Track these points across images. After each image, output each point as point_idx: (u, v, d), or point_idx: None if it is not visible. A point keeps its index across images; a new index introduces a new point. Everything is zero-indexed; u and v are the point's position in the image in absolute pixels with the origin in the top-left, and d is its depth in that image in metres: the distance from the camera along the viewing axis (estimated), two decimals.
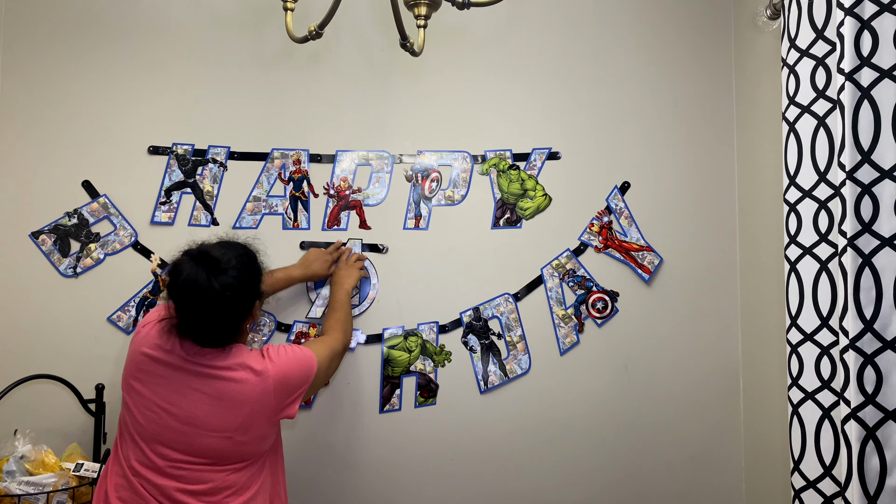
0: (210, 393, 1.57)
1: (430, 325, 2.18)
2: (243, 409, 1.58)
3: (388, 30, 2.10)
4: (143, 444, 1.58)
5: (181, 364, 1.58)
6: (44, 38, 2.11)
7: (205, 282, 1.52)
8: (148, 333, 1.63)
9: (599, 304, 2.21)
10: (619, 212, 2.22)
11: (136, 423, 1.58)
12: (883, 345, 1.39)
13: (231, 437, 1.57)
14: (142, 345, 1.61)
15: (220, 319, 1.57)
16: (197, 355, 1.58)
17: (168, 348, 1.59)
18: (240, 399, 1.57)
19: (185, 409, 1.56)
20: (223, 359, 1.59)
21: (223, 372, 1.58)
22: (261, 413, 1.59)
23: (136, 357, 1.61)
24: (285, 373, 1.62)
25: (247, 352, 1.62)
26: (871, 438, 1.39)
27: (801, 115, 1.63)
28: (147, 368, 1.59)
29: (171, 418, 1.56)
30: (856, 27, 1.40)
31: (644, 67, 2.24)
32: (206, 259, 1.56)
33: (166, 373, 1.58)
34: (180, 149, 2.14)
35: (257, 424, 1.60)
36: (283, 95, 2.18)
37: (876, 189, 1.39)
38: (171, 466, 1.56)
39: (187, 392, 1.57)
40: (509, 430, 2.18)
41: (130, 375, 1.61)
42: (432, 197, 2.21)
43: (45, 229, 2.09)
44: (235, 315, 1.59)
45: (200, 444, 1.57)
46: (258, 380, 1.58)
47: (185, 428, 1.56)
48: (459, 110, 2.21)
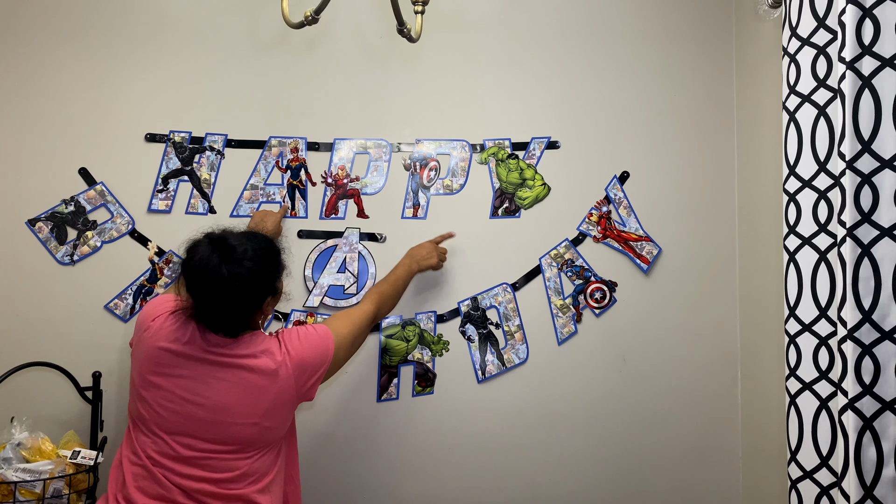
0: (235, 381, 1.57)
1: (428, 315, 2.18)
2: (267, 395, 1.59)
3: (386, 15, 2.09)
4: (166, 436, 1.57)
5: (202, 355, 1.58)
6: (39, 25, 2.10)
7: (215, 267, 1.52)
8: (161, 327, 1.62)
9: (598, 294, 2.20)
10: (618, 202, 2.22)
11: (157, 416, 1.58)
12: (881, 335, 1.38)
13: (258, 423, 1.58)
14: (157, 340, 1.60)
15: (227, 307, 1.56)
16: (217, 345, 1.58)
17: (186, 340, 1.58)
18: (263, 386, 1.58)
19: (212, 398, 1.56)
20: (244, 347, 1.59)
21: (246, 360, 1.58)
22: (283, 398, 1.61)
23: (151, 353, 1.60)
24: (302, 357, 1.62)
25: (265, 337, 1.63)
26: (869, 429, 1.38)
27: (801, 105, 1.62)
28: (166, 362, 1.58)
29: (198, 409, 1.56)
30: (857, 15, 1.39)
31: (644, 56, 2.23)
32: (222, 245, 1.55)
33: (188, 365, 1.57)
34: (177, 136, 2.13)
35: (281, 409, 1.62)
36: (281, 83, 2.16)
37: (876, 179, 1.38)
38: (199, 456, 1.57)
39: (212, 382, 1.57)
40: (506, 419, 2.18)
41: (148, 371, 1.59)
42: (431, 186, 2.20)
43: (42, 217, 2.08)
44: (243, 306, 1.58)
45: (229, 433, 1.57)
46: (278, 367, 1.59)
47: (214, 417, 1.56)
48: (458, 98, 2.20)
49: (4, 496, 1.67)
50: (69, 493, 1.74)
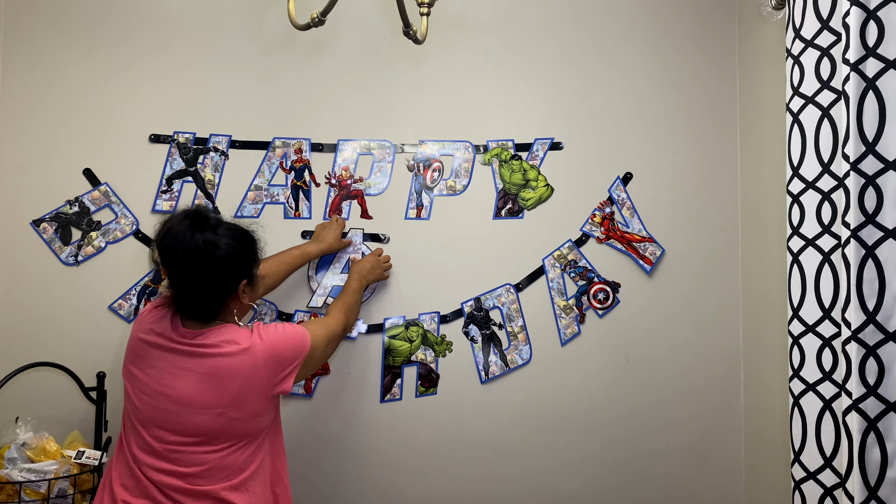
0: (200, 371, 1.56)
1: (431, 315, 2.18)
2: (234, 383, 1.56)
3: (391, 17, 2.09)
4: (142, 429, 1.58)
5: (172, 345, 1.58)
6: (44, 26, 2.10)
7: (188, 235, 1.52)
8: (143, 319, 1.65)
9: (601, 294, 2.21)
10: (621, 203, 2.22)
11: (135, 408, 1.59)
12: (885, 336, 1.38)
13: (223, 413, 1.56)
14: (138, 331, 1.64)
15: (199, 280, 1.55)
16: (187, 336, 1.59)
17: (160, 331, 1.60)
18: (229, 374, 1.56)
19: (177, 388, 1.56)
20: (210, 337, 1.58)
21: (212, 349, 1.57)
22: (253, 387, 1.58)
23: (132, 343, 1.64)
24: (274, 346, 1.60)
25: (236, 329, 1.61)
26: (873, 430, 1.39)
27: (805, 106, 1.62)
28: (142, 353, 1.61)
29: (164, 399, 1.56)
30: (861, 17, 1.39)
31: (647, 57, 2.23)
32: (195, 215, 1.57)
33: (159, 355, 1.59)
34: (182, 137, 2.13)
35: (250, 400, 1.58)
36: (285, 84, 2.17)
37: (880, 180, 1.39)
38: (167, 449, 1.56)
39: (179, 372, 1.57)
40: (510, 420, 2.19)
41: (129, 361, 1.63)
42: (434, 187, 2.20)
43: (47, 217, 2.08)
44: (215, 280, 1.57)
45: (192, 423, 1.56)
46: (247, 355, 1.57)
47: (177, 408, 1.56)
48: (462, 99, 2.21)
49: (9, 496, 1.67)
50: (74, 492, 1.74)
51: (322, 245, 2.06)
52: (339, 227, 2.12)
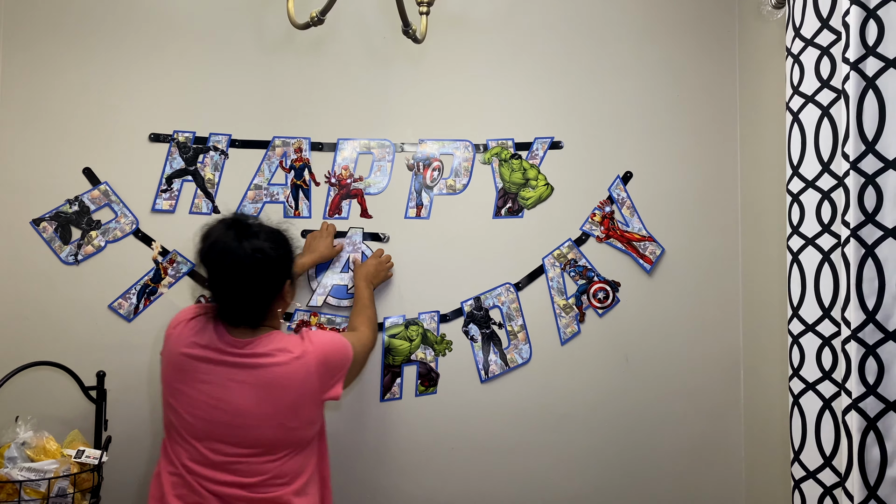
0: (255, 382, 1.57)
1: (431, 315, 2.18)
2: (289, 393, 1.58)
3: (391, 16, 2.08)
4: (196, 443, 1.58)
5: (221, 357, 1.58)
6: (44, 25, 2.10)
7: (234, 244, 1.54)
8: (181, 333, 1.63)
9: (601, 294, 2.21)
10: (621, 202, 2.22)
11: (186, 423, 1.59)
12: (885, 335, 1.38)
13: (282, 423, 1.58)
14: (179, 346, 1.61)
15: (250, 287, 1.57)
16: (234, 346, 1.58)
17: (204, 343, 1.59)
18: (284, 384, 1.57)
19: (232, 402, 1.56)
20: (262, 346, 1.59)
21: (264, 359, 1.57)
22: (306, 395, 1.60)
23: (174, 359, 1.61)
24: (325, 353, 1.63)
25: (285, 336, 1.63)
26: (872, 429, 1.39)
27: (805, 105, 1.62)
28: (187, 368, 1.59)
29: (220, 414, 1.57)
30: (861, 16, 1.39)
31: (647, 56, 2.23)
32: (236, 223, 1.59)
33: (209, 369, 1.58)
34: (181, 136, 2.13)
35: (305, 408, 1.61)
36: (285, 83, 2.17)
37: (880, 179, 1.38)
38: (228, 461, 1.57)
39: (232, 385, 1.57)
40: (509, 419, 2.19)
41: (173, 379, 1.61)
42: (434, 186, 2.20)
43: (46, 216, 2.08)
44: (265, 285, 1.59)
45: (252, 436, 1.57)
46: (300, 363, 1.59)
47: (235, 421, 1.56)
48: (461, 98, 2.21)
49: (9, 495, 1.67)
50: (74, 492, 1.74)
51: (314, 255, 2.08)
52: (330, 235, 2.12)
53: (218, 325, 1.62)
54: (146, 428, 2.09)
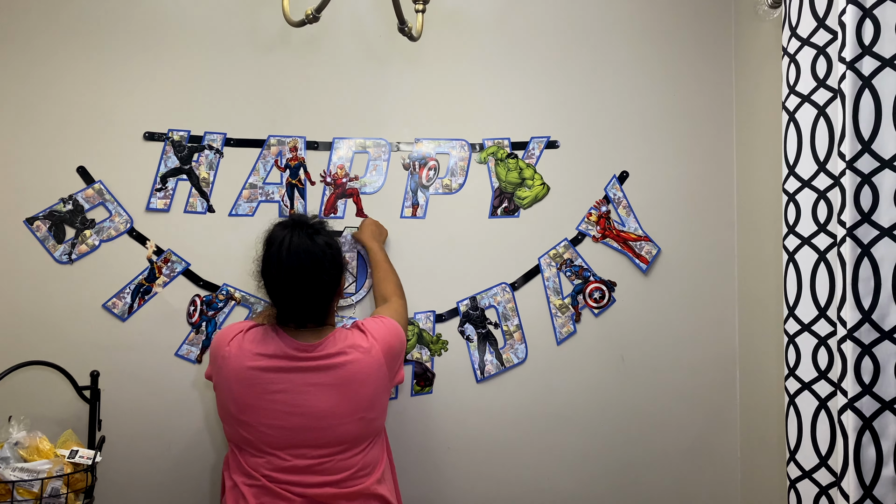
0: (331, 383, 1.59)
1: (426, 314, 2.18)
2: (367, 387, 1.62)
3: (387, 14, 2.09)
4: (279, 452, 1.59)
5: (296, 364, 1.59)
6: (38, 23, 2.09)
7: (308, 241, 1.59)
8: (241, 348, 1.62)
9: (597, 293, 2.20)
10: (617, 201, 2.22)
11: (263, 435, 1.59)
12: (881, 335, 1.38)
13: (362, 417, 1.62)
14: (243, 361, 1.60)
15: (325, 282, 1.61)
16: (304, 350, 1.60)
17: (271, 353, 1.60)
18: (361, 379, 1.61)
19: (313, 405, 1.58)
20: (331, 346, 1.61)
21: (337, 359, 1.60)
22: (381, 386, 1.65)
23: (241, 375, 1.59)
24: (388, 342, 1.68)
25: (348, 332, 1.66)
26: (868, 429, 1.39)
27: (801, 105, 1.62)
28: (257, 381, 1.59)
29: (302, 419, 1.58)
30: (858, 15, 1.39)
31: (644, 56, 2.23)
32: (301, 223, 1.64)
33: (280, 378, 1.58)
34: (176, 135, 2.12)
35: (380, 398, 1.66)
36: (280, 82, 2.16)
37: (876, 179, 1.39)
38: (316, 463, 1.59)
39: (310, 389, 1.58)
40: (505, 419, 2.18)
41: (243, 395, 1.59)
42: (430, 185, 2.20)
43: (40, 215, 2.07)
44: (336, 279, 1.65)
45: (336, 434, 1.59)
46: (371, 357, 1.62)
47: (317, 423, 1.58)
48: (458, 98, 2.20)
49: (2, 495, 1.66)
50: (67, 492, 1.73)
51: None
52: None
53: (279, 332, 1.63)
54: (140, 428, 2.07)
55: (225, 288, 2.11)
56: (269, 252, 1.63)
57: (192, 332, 2.10)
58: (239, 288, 2.11)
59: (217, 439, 2.09)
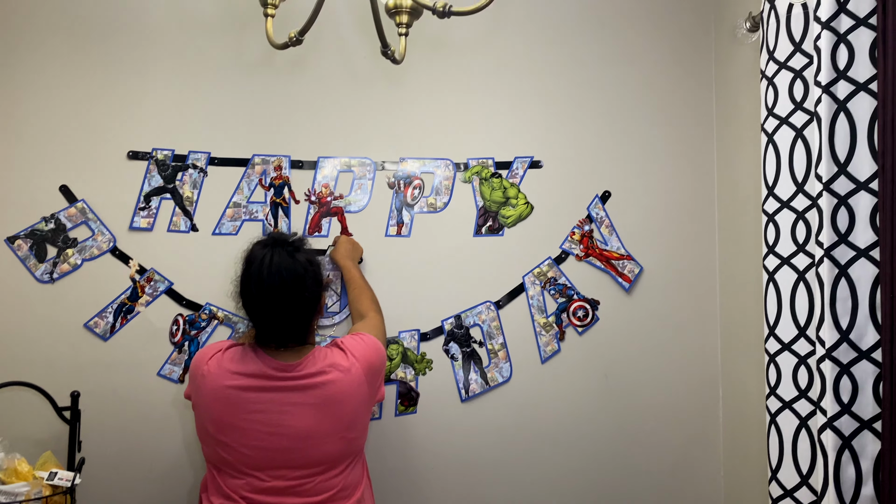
0: (313, 402, 1.58)
1: (411, 333, 2.18)
2: (347, 406, 1.60)
3: (370, 37, 2.08)
4: (258, 473, 1.57)
5: (276, 384, 1.57)
6: (22, 42, 2.08)
7: (290, 261, 1.58)
8: (220, 367, 1.60)
9: (580, 312, 2.21)
10: (599, 221, 2.23)
11: (242, 456, 1.57)
12: (858, 355, 1.40)
13: (343, 435, 1.60)
14: (220, 380, 1.58)
15: (306, 301, 1.60)
16: (283, 370, 1.58)
17: (250, 372, 1.58)
18: (341, 398, 1.59)
19: (292, 426, 1.56)
20: (311, 365, 1.60)
21: (317, 378, 1.59)
22: (361, 404, 1.64)
23: (218, 395, 1.58)
24: (368, 360, 1.67)
25: (328, 351, 1.65)
26: (847, 448, 1.40)
27: (779, 127, 1.65)
28: (236, 401, 1.57)
29: (281, 440, 1.56)
30: (832, 41, 1.42)
31: (625, 78, 2.25)
32: (281, 241, 1.63)
33: (259, 398, 1.57)
34: (160, 154, 2.12)
35: (360, 416, 1.64)
36: (265, 101, 2.16)
37: (852, 200, 1.41)
38: (295, 485, 1.57)
39: (290, 409, 1.57)
40: (490, 438, 2.18)
41: (221, 415, 1.57)
42: (414, 204, 2.20)
43: (21, 234, 2.05)
44: (316, 297, 1.64)
45: (317, 454, 1.58)
46: (351, 375, 1.61)
47: (297, 444, 1.56)
48: (442, 118, 2.21)
49: None
50: None
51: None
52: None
53: (258, 351, 1.62)
54: (121, 449, 2.05)
55: (208, 307, 2.10)
56: (249, 271, 1.61)
57: (175, 351, 2.09)
58: (222, 307, 2.10)
59: (198, 461, 2.07)
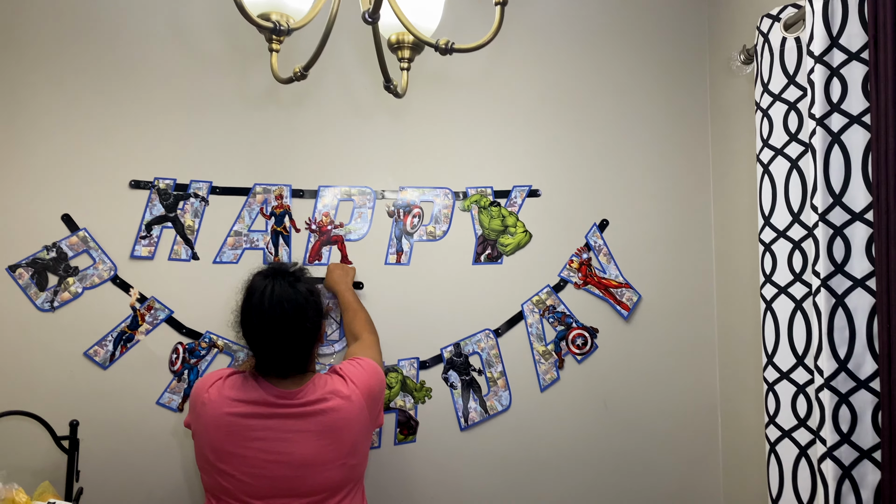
0: (315, 430, 1.58)
1: (410, 361, 2.18)
2: (349, 433, 1.60)
3: (373, 71, 2.13)
4: (258, 501, 1.57)
5: (277, 411, 1.58)
6: (26, 71, 2.11)
7: (291, 291, 1.59)
8: (220, 394, 1.60)
9: (579, 340, 2.22)
10: (598, 249, 2.25)
11: (243, 484, 1.56)
12: (857, 384, 1.41)
13: (345, 462, 1.60)
14: (221, 407, 1.58)
15: (307, 331, 1.61)
16: (287, 397, 1.59)
17: (252, 400, 1.58)
18: (343, 425, 1.60)
19: (294, 453, 1.56)
20: (311, 393, 1.61)
21: (319, 405, 1.59)
22: (361, 431, 1.64)
23: (219, 422, 1.58)
24: (368, 386, 1.67)
25: (328, 378, 1.65)
26: (848, 477, 1.40)
27: (774, 158, 1.67)
28: (236, 429, 1.57)
29: (283, 468, 1.56)
30: (826, 74, 1.44)
31: (621, 109, 2.29)
32: (281, 271, 1.64)
33: (261, 425, 1.57)
34: (162, 183, 2.13)
35: (361, 443, 1.64)
36: (267, 132, 2.19)
37: (847, 231, 1.43)
38: None
39: (291, 436, 1.57)
40: (489, 467, 2.17)
41: (222, 442, 1.57)
42: (414, 232, 2.22)
43: (23, 263, 2.06)
44: (317, 325, 1.64)
45: (318, 482, 1.58)
46: (352, 402, 1.62)
47: (299, 472, 1.56)
48: (441, 148, 2.24)
49: None
50: None
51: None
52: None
53: (260, 379, 1.62)
54: (119, 479, 2.04)
55: (208, 335, 2.11)
56: (250, 301, 1.62)
57: (174, 380, 2.09)
58: (222, 335, 2.10)
59: (197, 490, 2.06)
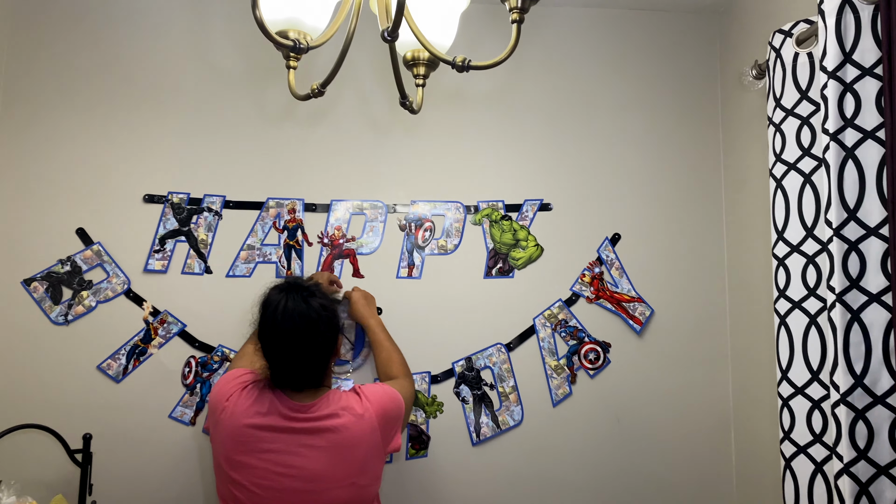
0: (326, 445, 1.58)
1: (422, 375, 2.18)
2: (359, 452, 1.60)
3: (388, 88, 2.15)
4: None
5: (289, 424, 1.58)
6: (42, 87, 2.13)
7: (304, 306, 1.59)
8: (237, 405, 1.62)
9: (591, 354, 2.21)
10: (610, 263, 2.25)
11: (253, 495, 1.57)
12: (873, 400, 1.40)
13: (353, 482, 1.59)
14: (239, 418, 1.60)
15: (320, 346, 1.61)
16: (298, 411, 1.59)
17: (265, 411, 1.59)
18: (353, 443, 1.59)
19: (304, 468, 1.56)
20: (324, 407, 1.61)
21: (328, 421, 1.59)
22: (373, 452, 1.62)
23: (237, 432, 1.59)
24: (383, 407, 1.66)
25: (343, 395, 1.65)
26: (865, 494, 1.39)
27: (787, 172, 1.67)
28: (250, 439, 1.58)
29: (292, 481, 1.56)
30: (839, 90, 1.45)
31: (633, 124, 2.30)
32: (296, 286, 1.64)
33: (273, 437, 1.58)
34: (176, 197, 2.15)
35: (372, 464, 1.63)
36: (281, 147, 2.20)
37: (862, 246, 1.42)
38: None
39: (302, 451, 1.57)
40: (501, 482, 2.16)
41: (234, 452, 1.59)
42: (425, 246, 2.22)
43: (38, 276, 2.08)
44: (332, 341, 1.64)
45: (327, 499, 1.57)
46: (365, 421, 1.61)
47: (308, 486, 1.56)
48: (454, 163, 2.25)
49: None
50: None
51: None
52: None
53: (275, 392, 1.63)
54: (132, 492, 2.04)
55: (220, 349, 2.11)
56: (265, 315, 1.64)
57: (187, 393, 2.09)
58: (234, 349, 2.11)
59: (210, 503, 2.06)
